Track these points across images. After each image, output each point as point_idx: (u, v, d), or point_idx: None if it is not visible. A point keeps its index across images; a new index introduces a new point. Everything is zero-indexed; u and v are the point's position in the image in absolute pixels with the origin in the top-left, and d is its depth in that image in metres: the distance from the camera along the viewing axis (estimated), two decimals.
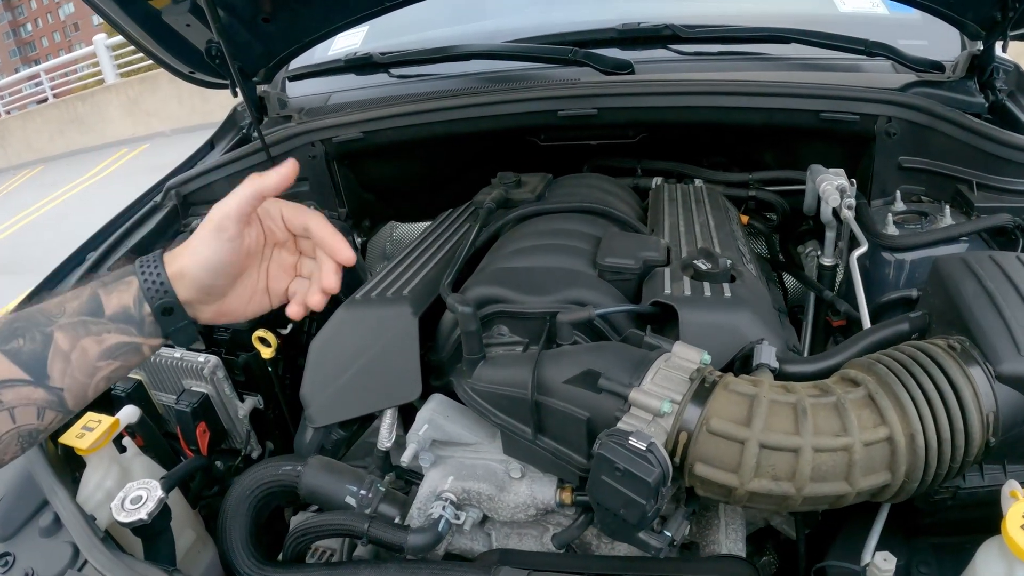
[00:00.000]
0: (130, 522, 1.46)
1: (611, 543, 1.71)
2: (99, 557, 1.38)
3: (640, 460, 1.22)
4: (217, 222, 1.15)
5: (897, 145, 2.19)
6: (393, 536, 1.55)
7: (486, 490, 1.63)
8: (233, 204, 1.17)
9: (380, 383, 1.74)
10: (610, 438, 1.26)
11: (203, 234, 1.15)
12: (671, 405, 1.29)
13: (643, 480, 1.22)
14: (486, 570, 1.48)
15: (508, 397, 1.56)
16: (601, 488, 1.27)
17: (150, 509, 1.46)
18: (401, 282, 1.87)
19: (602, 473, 1.26)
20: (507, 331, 1.71)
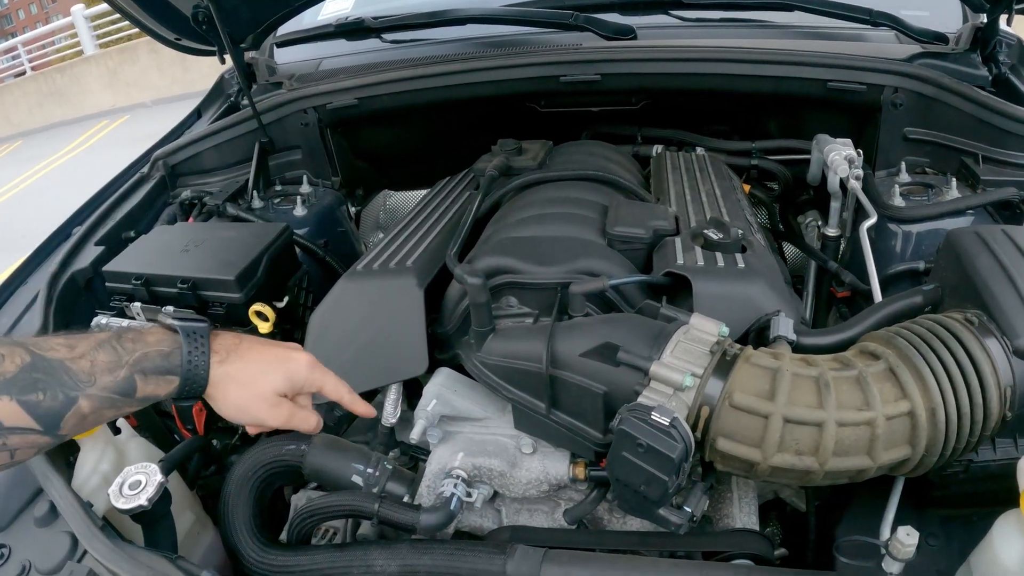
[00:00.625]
0: (130, 509, 1.37)
1: (623, 518, 1.65)
2: (99, 547, 1.29)
3: (663, 436, 1.18)
4: (274, 399, 1.24)
5: (903, 116, 2.18)
6: (405, 516, 1.47)
7: (497, 466, 1.57)
8: (286, 387, 1.25)
9: (385, 357, 1.66)
10: (631, 413, 1.22)
11: (255, 396, 1.23)
12: (693, 379, 1.25)
13: (666, 456, 1.18)
14: (500, 549, 1.41)
15: (520, 371, 1.49)
16: (621, 464, 1.24)
17: (150, 494, 1.38)
18: (403, 253, 1.79)
19: (623, 449, 1.22)
20: (516, 302, 1.63)
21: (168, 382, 1.15)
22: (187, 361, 1.15)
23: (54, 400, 1.05)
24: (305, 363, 1.25)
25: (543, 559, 1.38)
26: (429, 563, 1.42)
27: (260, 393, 1.21)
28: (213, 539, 1.72)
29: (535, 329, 1.55)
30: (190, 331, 1.17)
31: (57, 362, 1.08)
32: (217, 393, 1.19)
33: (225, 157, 2.61)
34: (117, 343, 1.13)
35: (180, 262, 1.91)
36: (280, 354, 1.25)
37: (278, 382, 1.22)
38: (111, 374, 1.10)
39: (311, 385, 1.26)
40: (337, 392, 1.30)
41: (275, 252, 1.96)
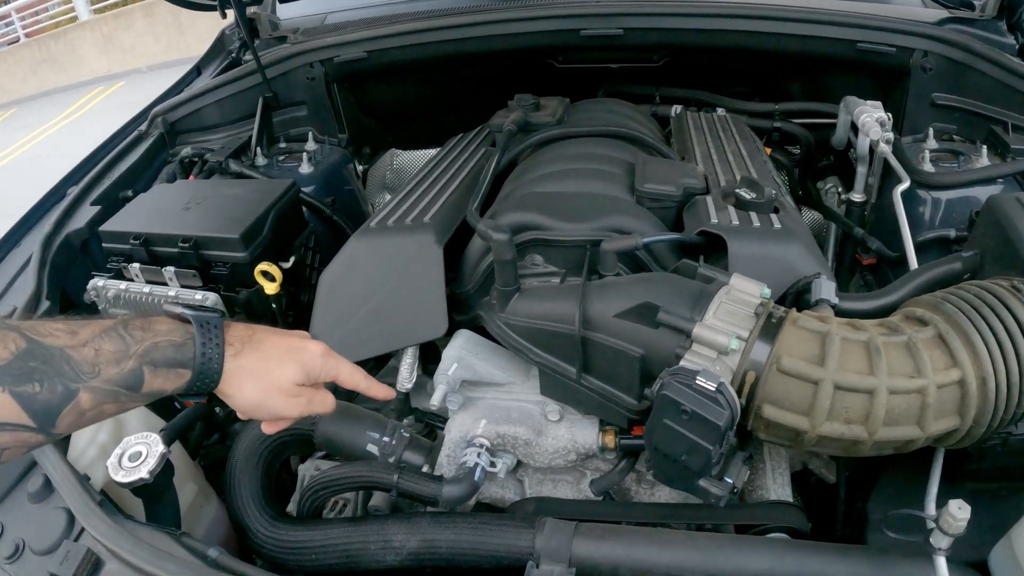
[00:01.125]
0: (130, 482, 1.27)
1: (651, 489, 1.56)
2: (97, 524, 1.19)
3: (709, 401, 1.11)
4: (293, 389, 1.11)
5: (931, 81, 2.12)
6: (426, 488, 1.37)
7: (522, 434, 1.46)
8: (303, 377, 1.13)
9: (401, 319, 1.55)
10: (674, 377, 1.14)
11: (273, 389, 1.10)
12: (738, 342, 1.18)
13: (712, 424, 1.11)
14: (528, 522, 1.32)
15: (549, 332, 1.39)
16: (662, 433, 1.16)
17: (151, 466, 1.27)
18: (419, 209, 1.67)
19: (664, 416, 1.15)
20: (541, 261, 1.52)
21: (179, 376, 1.02)
22: (201, 354, 1.03)
23: (52, 393, 0.93)
24: (319, 353, 1.14)
25: (574, 533, 1.29)
26: (452, 538, 1.33)
27: (277, 385, 1.09)
28: (217, 511, 1.64)
29: (565, 288, 1.44)
30: (204, 321, 1.05)
31: (57, 350, 0.94)
32: (231, 388, 1.07)
33: (227, 113, 2.51)
34: (124, 331, 1.00)
35: (181, 220, 1.80)
36: (293, 344, 1.14)
37: (294, 372, 1.11)
38: (117, 365, 0.98)
39: (326, 374, 1.15)
40: (353, 379, 1.19)
41: (281, 209, 1.85)
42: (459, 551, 1.33)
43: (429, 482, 1.37)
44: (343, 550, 1.37)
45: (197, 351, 1.02)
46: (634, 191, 1.64)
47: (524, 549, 1.29)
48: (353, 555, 1.37)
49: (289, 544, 1.40)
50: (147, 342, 1.00)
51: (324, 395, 1.17)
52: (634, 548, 1.27)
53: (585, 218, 1.49)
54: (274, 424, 1.17)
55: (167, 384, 1.02)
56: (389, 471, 1.38)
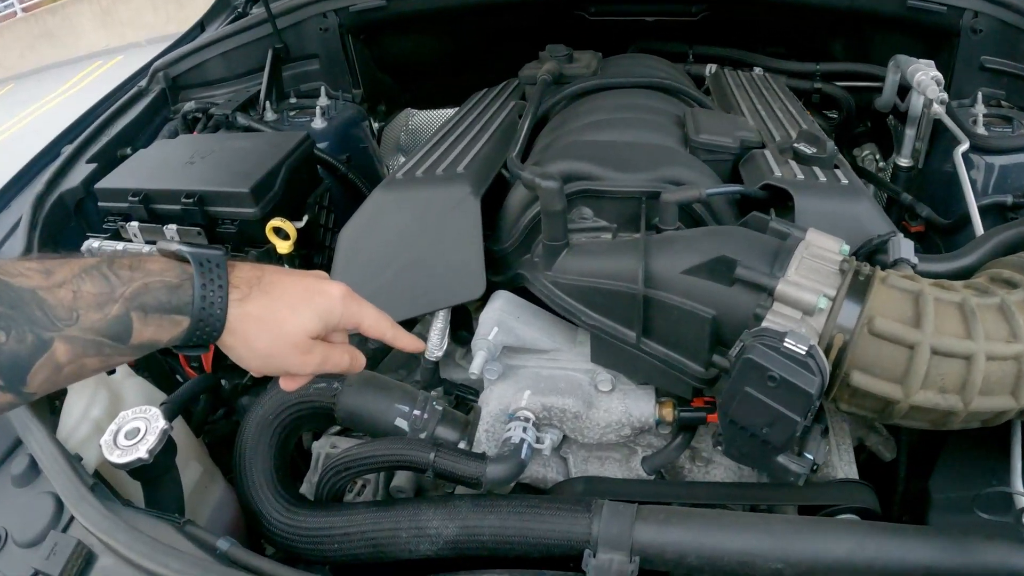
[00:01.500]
0: (126, 463, 1.09)
1: (706, 466, 1.42)
2: (89, 512, 1.02)
3: (799, 368, 1.00)
4: (305, 343, 0.95)
5: (981, 44, 2.04)
6: (467, 467, 1.20)
7: (571, 406, 1.30)
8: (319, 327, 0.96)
9: (432, 279, 1.39)
10: (759, 339, 1.02)
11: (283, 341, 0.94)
12: (826, 301, 1.08)
13: (803, 392, 0.99)
14: (583, 506, 1.16)
15: (604, 292, 1.24)
16: (743, 403, 1.04)
17: (151, 445, 1.10)
18: (450, 160, 1.51)
19: (746, 383, 1.02)
20: (590, 214, 1.37)
21: (174, 324, 0.86)
22: (200, 298, 0.86)
23: (20, 343, 0.77)
24: (339, 296, 0.96)
25: (636, 517, 1.13)
26: (496, 524, 1.17)
27: (288, 337, 0.92)
28: (223, 494, 1.50)
29: (623, 243, 1.29)
30: (204, 259, 0.87)
31: (28, 292, 0.78)
32: (235, 339, 0.90)
33: (233, 67, 2.38)
34: (109, 270, 0.83)
35: (184, 175, 1.67)
36: (309, 286, 0.96)
37: (309, 322, 0.93)
38: (100, 310, 0.81)
39: (347, 321, 0.97)
40: (378, 327, 1.01)
41: (295, 163, 1.70)
42: (504, 539, 1.16)
43: (470, 461, 1.20)
44: (370, 538, 1.20)
45: (196, 294, 0.85)
46: (687, 143, 1.52)
47: (579, 536, 1.13)
48: (381, 544, 1.20)
49: (308, 532, 1.23)
50: (136, 283, 0.83)
51: (343, 351, 0.99)
52: (703, 533, 1.11)
53: (639, 168, 1.37)
54: (289, 381, 1.00)
55: (160, 334, 0.85)
56: (424, 448, 1.21)
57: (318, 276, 0.99)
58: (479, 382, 1.48)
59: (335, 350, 0.98)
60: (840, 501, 1.25)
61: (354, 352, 1.01)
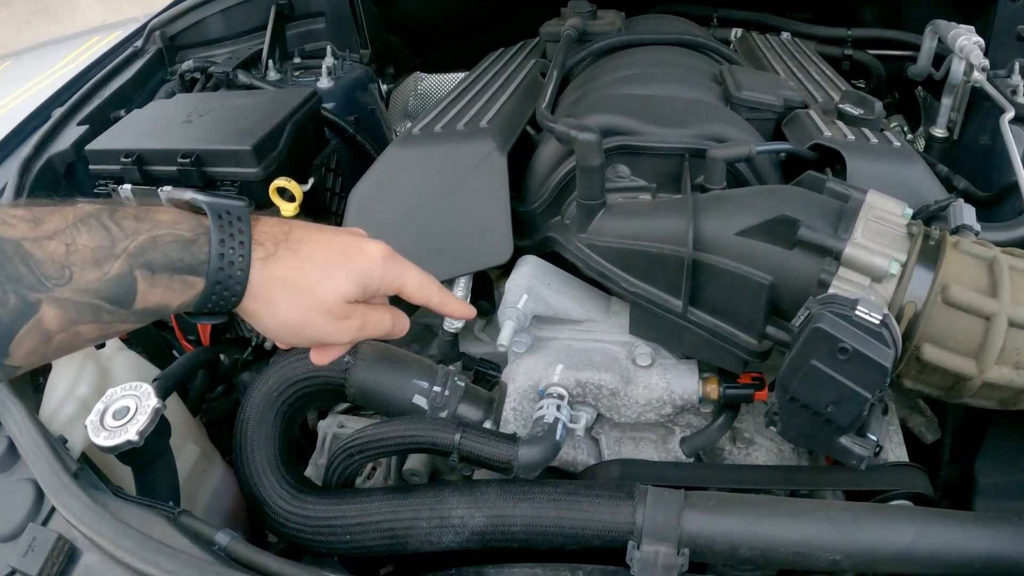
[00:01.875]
0: (114, 446, 0.96)
1: (747, 448, 1.30)
2: (71, 502, 0.88)
3: (872, 339, 0.90)
4: (340, 308, 0.82)
5: (1019, 12, 1.96)
6: (497, 450, 1.06)
7: (608, 382, 1.17)
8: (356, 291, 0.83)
9: (455, 242, 1.26)
10: (828, 307, 0.92)
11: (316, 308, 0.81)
12: (897, 266, 0.99)
13: (877, 366, 0.89)
14: (626, 492, 1.04)
15: (646, 255, 1.12)
16: (808, 378, 0.93)
17: (141, 426, 0.97)
18: (471, 115, 1.38)
19: (813, 356, 0.92)
20: (627, 172, 1.25)
21: (186, 286, 0.72)
22: (218, 256, 0.72)
23: (2, 305, 0.66)
24: (379, 256, 0.82)
25: (683, 504, 1.02)
26: (529, 513, 1.05)
27: (321, 302, 0.79)
28: (222, 478, 1.42)
29: (667, 202, 1.18)
30: (222, 211, 0.73)
31: (10, 243, 0.65)
32: (258, 306, 0.76)
33: (234, 25, 2.28)
34: (110, 219, 0.69)
35: (181, 134, 1.54)
36: (345, 244, 0.82)
37: (345, 285, 0.79)
38: (98, 268, 0.68)
39: (388, 284, 0.84)
40: (423, 291, 0.87)
41: (300, 121, 1.57)
42: (538, 529, 1.04)
43: (500, 443, 1.07)
44: (387, 529, 1.08)
45: (213, 251, 0.72)
46: (727, 100, 1.42)
47: (622, 526, 1.02)
48: (399, 535, 1.08)
49: (316, 522, 1.11)
50: (142, 236, 0.70)
51: (382, 313, 0.86)
52: (757, 522, 1.01)
53: (681, 123, 1.26)
54: (323, 353, 0.87)
55: (169, 297, 0.72)
56: (448, 429, 1.07)
57: (354, 233, 0.86)
58: (500, 356, 1.36)
59: (374, 312, 0.85)
60: (893, 486, 1.15)
61: (396, 312, 0.88)
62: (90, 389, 1.15)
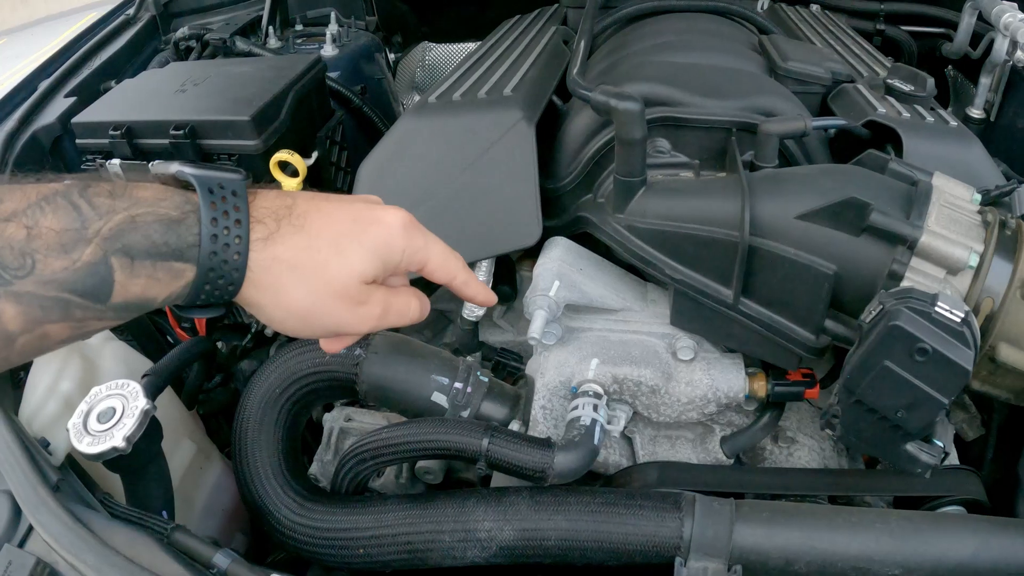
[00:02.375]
0: (99, 453, 0.85)
1: (788, 447, 1.19)
2: (50, 522, 0.77)
3: (953, 340, 0.82)
4: (358, 292, 0.69)
5: None
6: (530, 457, 0.95)
7: (648, 378, 1.06)
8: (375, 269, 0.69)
9: (477, 222, 1.15)
10: (905, 303, 0.84)
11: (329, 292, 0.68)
12: (976, 257, 0.91)
13: (958, 368, 0.82)
14: (672, 502, 0.94)
15: (694, 239, 1.01)
16: (880, 380, 0.85)
17: (129, 431, 0.85)
18: (492, 82, 1.26)
19: (887, 356, 0.84)
20: (668, 147, 1.13)
21: (174, 275, 0.60)
22: (210, 237, 0.60)
23: None
24: (399, 225, 0.69)
25: (734, 517, 0.93)
26: (565, 526, 0.95)
27: (334, 285, 0.66)
28: (221, 475, 1.34)
29: (717, 181, 1.07)
30: (213, 185, 0.61)
31: None
32: (262, 295, 0.64)
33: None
34: (80, 197, 0.56)
35: (174, 105, 1.44)
36: (359, 215, 0.69)
37: (362, 262, 0.66)
38: (65, 254, 0.55)
39: (411, 258, 0.70)
40: (446, 268, 0.74)
41: (304, 90, 1.46)
42: (575, 544, 0.94)
43: (534, 449, 0.95)
44: (405, 543, 0.97)
45: (204, 232, 0.59)
46: (772, 71, 1.33)
47: (668, 540, 0.92)
48: (419, 549, 0.97)
49: (327, 534, 1.00)
50: (119, 215, 0.57)
51: (407, 297, 0.73)
52: (814, 535, 0.93)
53: (727, 95, 1.16)
54: (335, 342, 0.75)
55: (154, 289, 0.60)
56: (475, 433, 0.96)
57: (368, 201, 0.73)
58: (521, 345, 1.28)
59: (397, 296, 0.72)
60: (946, 491, 1.06)
61: (421, 296, 0.75)
62: (74, 385, 1.05)
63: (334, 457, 1.28)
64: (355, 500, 1.05)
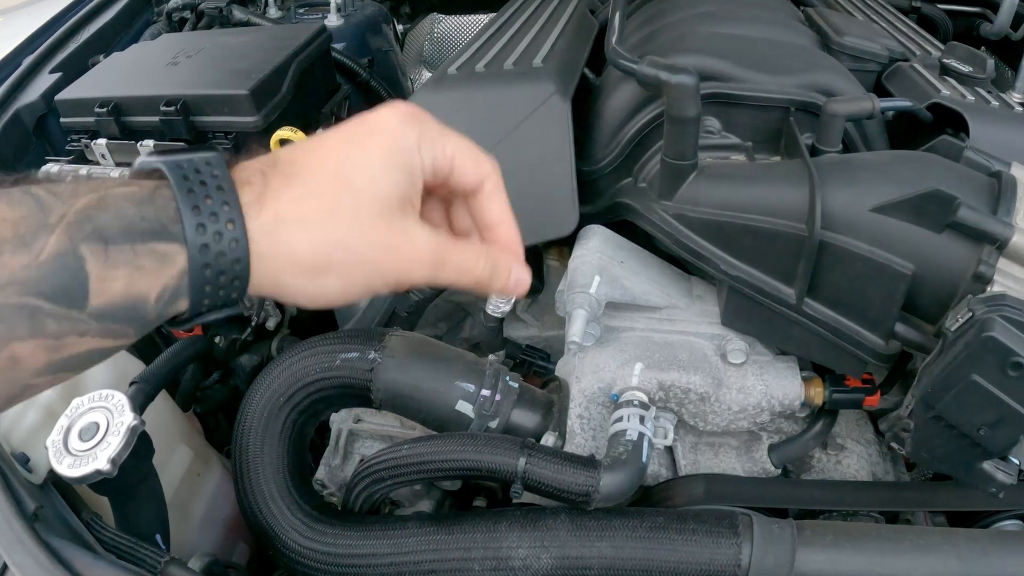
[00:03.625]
0: (81, 476, 0.75)
1: (837, 456, 1.10)
2: (27, 564, 0.67)
3: None
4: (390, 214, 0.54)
5: None
6: (573, 479, 0.84)
7: (698, 385, 0.96)
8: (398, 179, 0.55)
9: None
10: (997, 311, 0.77)
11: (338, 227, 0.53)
12: None
13: None
14: (727, 525, 0.86)
15: (754, 232, 0.92)
16: (966, 394, 0.79)
17: (114, 451, 0.75)
18: (518, 52, 1.16)
19: (976, 369, 0.77)
20: (718, 127, 1.05)
21: (161, 260, 0.48)
22: (190, 208, 0.48)
23: None
24: (401, 119, 0.55)
25: (796, 541, 0.85)
26: (609, 554, 0.86)
27: (362, 220, 0.52)
28: (220, 480, 1.27)
29: (780, 166, 0.99)
30: (187, 170, 0.49)
31: None
32: (282, 267, 0.51)
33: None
34: (39, 188, 0.45)
35: (166, 79, 1.35)
36: (352, 132, 0.55)
37: (380, 181, 0.53)
38: (25, 248, 0.44)
39: (434, 154, 0.56)
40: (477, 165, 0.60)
41: (307, 61, 1.37)
42: (621, 572, 0.85)
43: (577, 470, 0.85)
44: (428, 571, 0.88)
45: (181, 201, 0.48)
46: (826, 47, 1.23)
47: (725, 568, 0.84)
48: None
49: (340, 559, 0.91)
50: (84, 197, 0.46)
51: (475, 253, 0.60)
52: (879, 559, 0.86)
53: (784, 71, 1.06)
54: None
55: (141, 281, 0.48)
56: (510, 451, 0.85)
57: (361, 119, 0.58)
58: (547, 342, 1.19)
59: (456, 245, 0.59)
60: (1005, 506, 0.99)
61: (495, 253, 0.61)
62: (56, 393, 0.94)
63: (343, 462, 1.17)
64: (371, 521, 0.95)
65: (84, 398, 0.80)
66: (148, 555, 0.77)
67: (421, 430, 1.07)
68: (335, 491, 1.17)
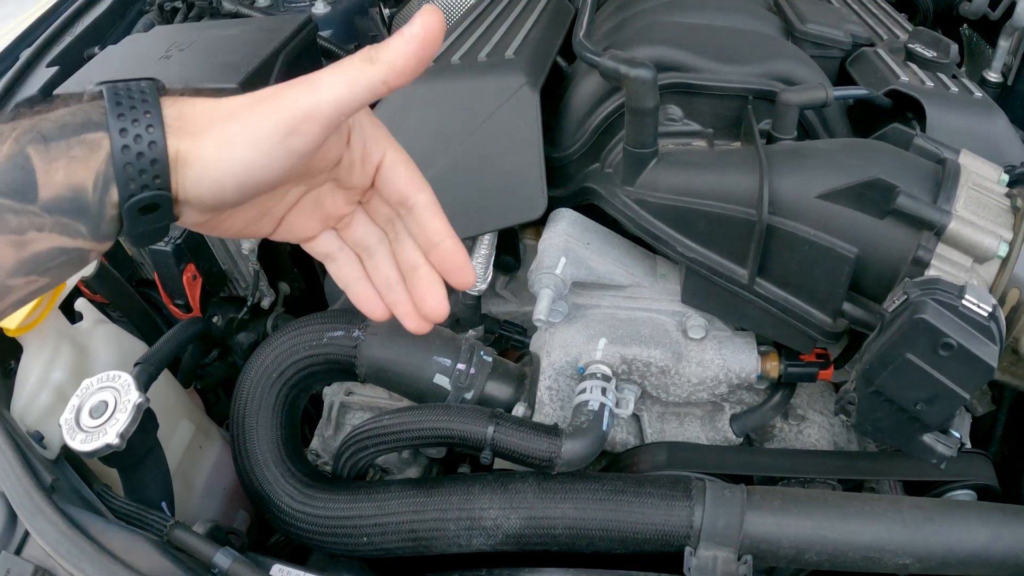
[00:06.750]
0: (93, 450, 0.83)
1: (798, 426, 1.18)
2: (47, 529, 0.76)
3: (979, 335, 0.81)
4: (293, 120, 0.56)
5: None
6: (537, 446, 0.93)
7: (658, 359, 1.04)
8: (331, 98, 0.57)
9: (478, 194, 1.12)
10: (929, 294, 0.82)
11: (256, 124, 0.56)
12: (1006, 246, 0.89)
13: (983, 365, 0.81)
14: (682, 490, 0.94)
15: (708, 216, 0.99)
16: (901, 371, 0.84)
17: (122, 426, 0.84)
18: (492, 44, 1.21)
19: (910, 348, 0.83)
20: (680, 115, 1.11)
21: (90, 147, 0.54)
22: (115, 106, 0.54)
23: None
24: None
25: (745, 504, 0.93)
26: (573, 515, 0.94)
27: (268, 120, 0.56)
28: (221, 451, 1.34)
29: (733, 153, 1.04)
30: (117, 86, 0.56)
31: None
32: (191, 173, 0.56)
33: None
34: None
35: (159, 71, 1.34)
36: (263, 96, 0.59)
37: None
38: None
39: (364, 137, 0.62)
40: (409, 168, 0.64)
41: (294, 52, 1.40)
42: (582, 532, 0.94)
43: (541, 437, 0.94)
44: (409, 530, 0.97)
45: (108, 104, 0.55)
46: (789, 34, 1.27)
47: (678, 528, 0.92)
48: (423, 537, 0.97)
49: (330, 521, 1.00)
50: (26, 119, 0.54)
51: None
52: (826, 523, 0.94)
53: (744, 60, 1.11)
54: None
55: (77, 171, 0.54)
56: (480, 421, 0.95)
57: None
58: (524, 316, 1.26)
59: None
60: (957, 476, 1.05)
61: None
62: (66, 375, 1.03)
63: (335, 432, 1.26)
64: (358, 486, 1.04)
65: (93, 379, 0.89)
66: (155, 520, 0.85)
67: (407, 402, 1.15)
68: (328, 460, 1.25)
